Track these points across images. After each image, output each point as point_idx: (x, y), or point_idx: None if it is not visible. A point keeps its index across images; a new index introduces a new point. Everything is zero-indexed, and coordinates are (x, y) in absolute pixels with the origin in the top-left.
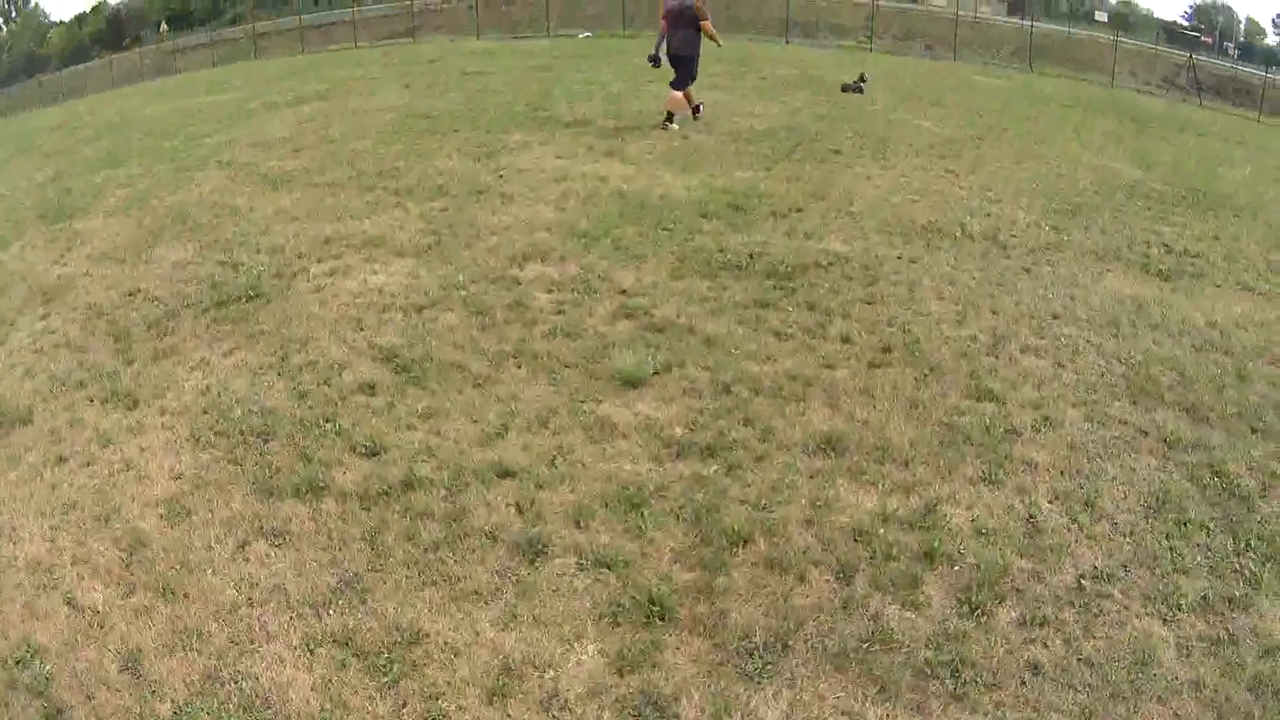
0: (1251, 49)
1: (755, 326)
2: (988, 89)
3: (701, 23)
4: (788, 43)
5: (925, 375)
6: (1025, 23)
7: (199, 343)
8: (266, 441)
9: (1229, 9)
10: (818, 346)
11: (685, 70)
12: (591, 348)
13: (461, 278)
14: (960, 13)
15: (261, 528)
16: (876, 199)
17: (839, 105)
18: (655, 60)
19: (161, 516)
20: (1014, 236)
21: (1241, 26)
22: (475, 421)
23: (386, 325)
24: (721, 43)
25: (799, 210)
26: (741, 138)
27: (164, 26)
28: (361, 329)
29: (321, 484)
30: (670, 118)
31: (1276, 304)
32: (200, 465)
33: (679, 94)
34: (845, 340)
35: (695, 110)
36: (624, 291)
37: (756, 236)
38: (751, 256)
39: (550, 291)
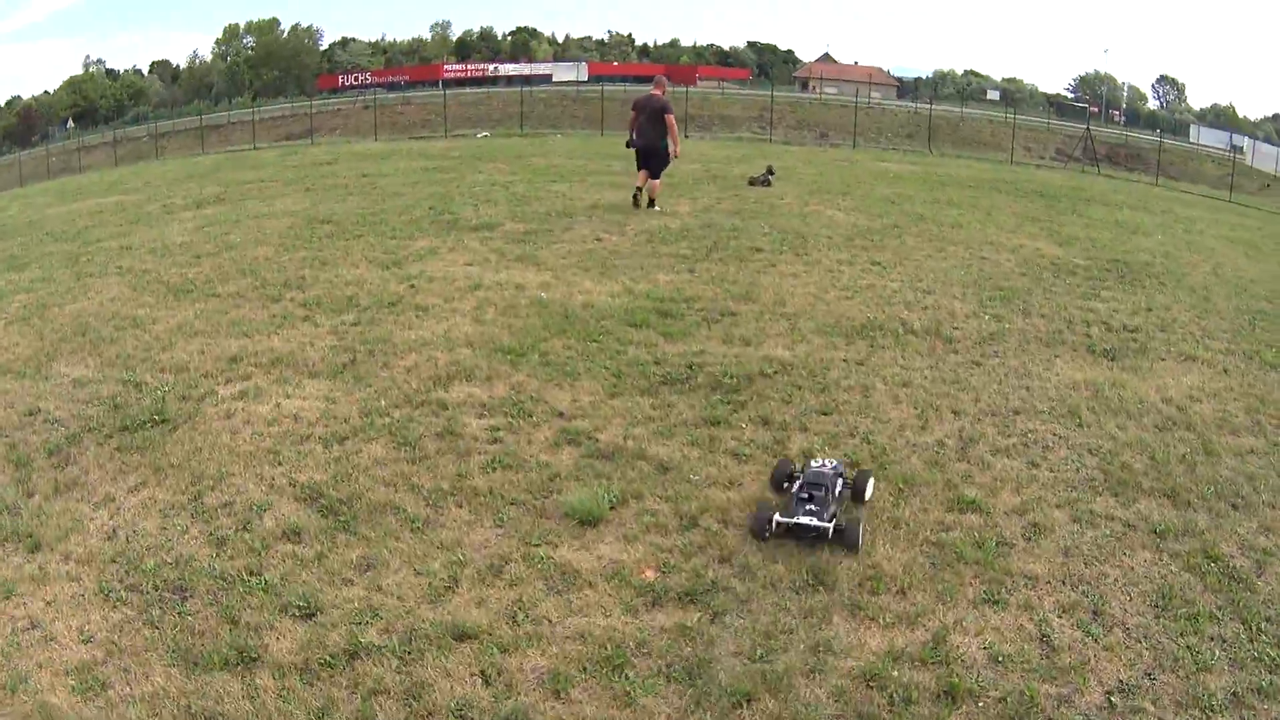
0: (1136, 115)
1: (710, 448)
2: (892, 175)
3: (666, 115)
4: (686, 136)
5: (901, 490)
6: (915, 106)
7: (103, 475)
8: (185, 599)
9: (1110, 78)
10: None
11: (657, 161)
12: (536, 481)
13: (383, 402)
14: (852, 99)
15: (189, 708)
16: (808, 298)
17: (748, 200)
18: (631, 144)
19: (74, 689)
20: (956, 329)
21: (1124, 94)
22: (419, 574)
23: (307, 459)
24: (678, 150)
25: (731, 314)
26: (657, 238)
27: (70, 124)
28: (279, 463)
29: (253, 653)
30: (652, 203)
31: (1220, 371)
32: (113, 626)
33: (656, 182)
34: (808, 455)
35: (638, 199)
36: (561, 414)
37: (692, 345)
38: (691, 368)
39: (482, 416)
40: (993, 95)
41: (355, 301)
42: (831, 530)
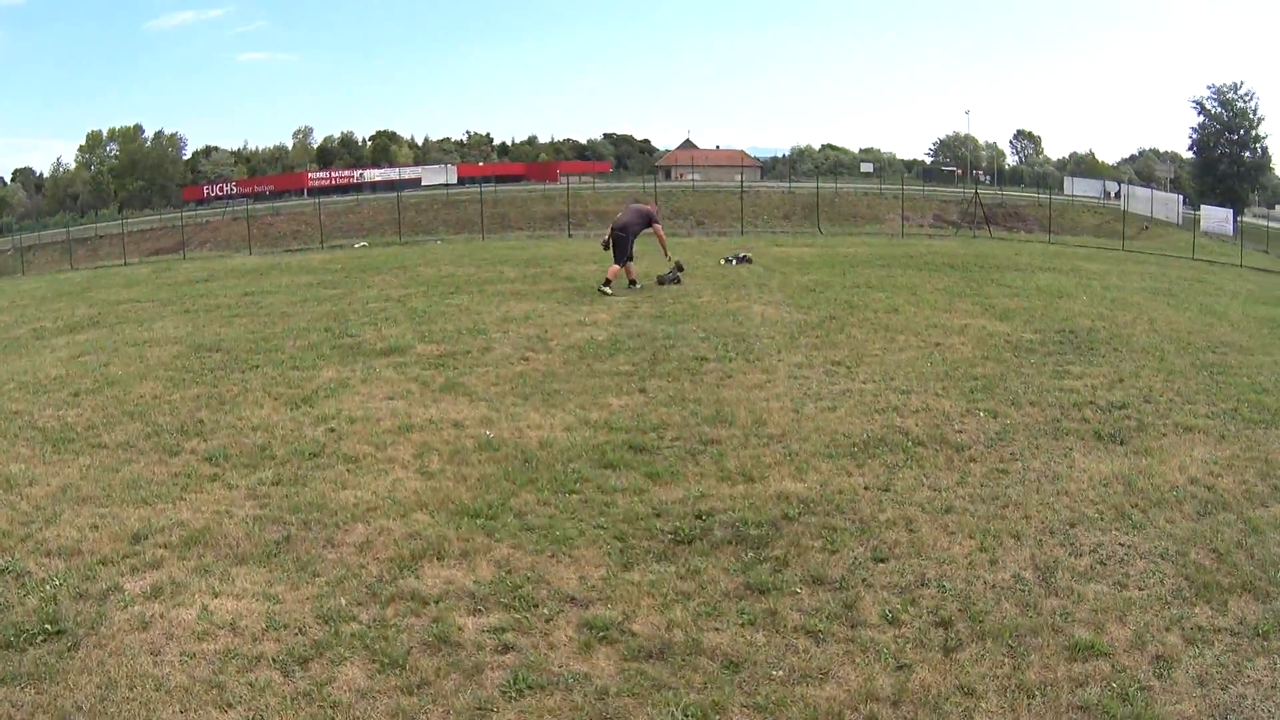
0: (1000, 172)
1: (773, 627)
2: (793, 259)
3: (654, 224)
4: (570, 235)
5: (1012, 647)
6: (790, 186)
7: None
8: None
9: (971, 138)
10: (868, 640)
11: (621, 249)
12: (583, 704)
13: (343, 599)
14: (717, 185)
15: None
16: (788, 414)
17: (664, 301)
18: (607, 244)
19: None
20: (960, 432)
21: (985, 154)
22: None
23: (265, 695)
24: (669, 254)
25: (713, 443)
26: (589, 353)
27: None
28: (228, 704)
29: None
30: (633, 282)
31: (1218, 438)
32: None
33: (618, 267)
34: (892, 622)
35: (631, 282)
36: (573, 599)
37: (689, 488)
38: (700, 517)
39: (476, 612)
40: (866, 167)
41: (269, 452)
42: None
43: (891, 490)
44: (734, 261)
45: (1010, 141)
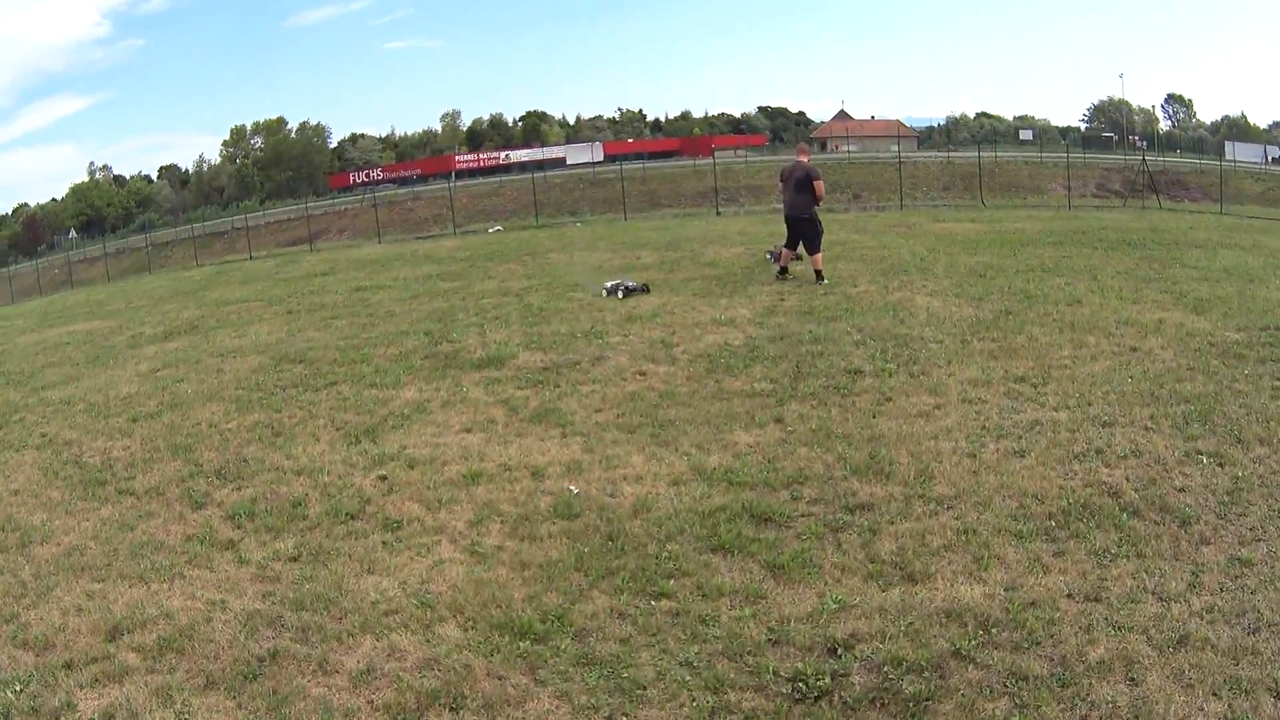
0: (1154, 138)
1: None
2: (958, 237)
3: (814, 182)
4: (718, 213)
5: None
6: (948, 155)
7: None
8: None
9: (1125, 103)
10: None
11: (809, 232)
12: None
13: None
14: (874, 155)
15: None
16: (962, 461)
17: (816, 292)
18: (774, 255)
19: None
20: (1181, 493)
21: (1138, 119)
22: None
23: None
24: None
25: (863, 508)
26: (719, 364)
27: (73, 233)
28: None
29: None
30: (819, 276)
31: None
32: None
33: (816, 255)
34: None
35: (784, 274)
36: None
37: (826, 595)
38: (835, 651)
39: None
40: (1025, 135)
41: (302, 510)
42: None
43: (1103, 600)
44: (620, 294)
45: (1161, 105)
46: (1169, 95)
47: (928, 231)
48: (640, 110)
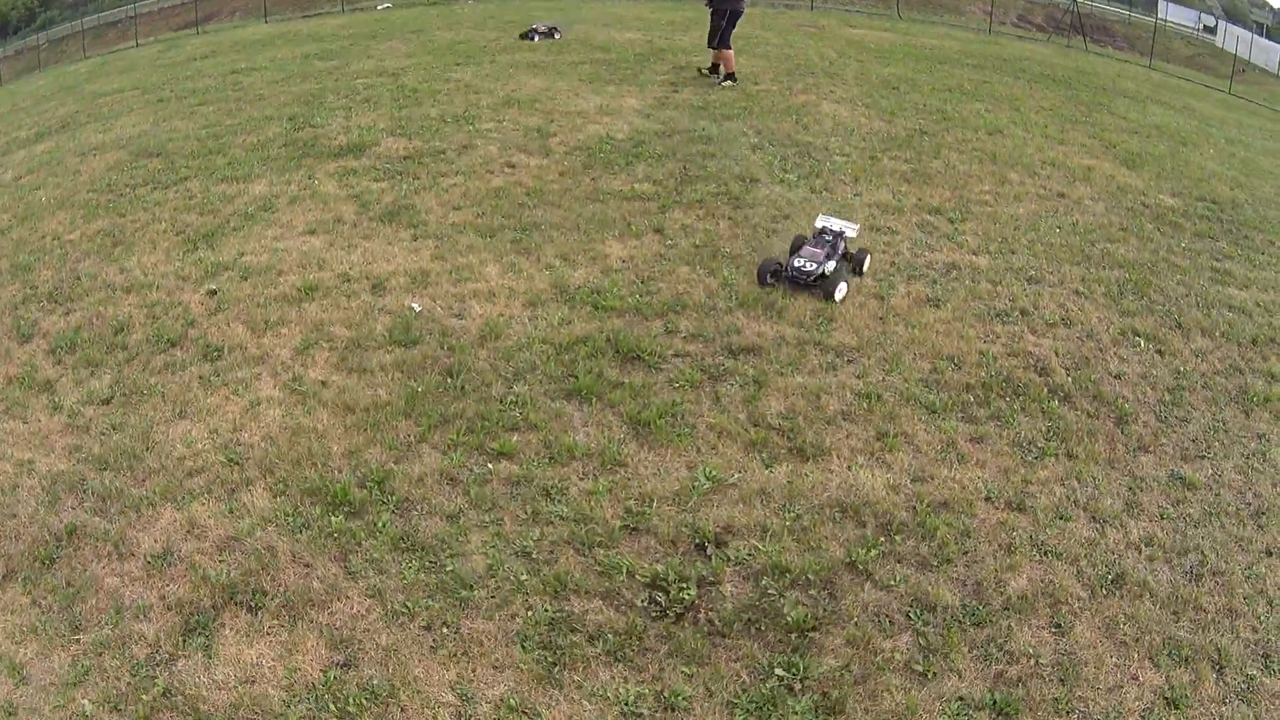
0: None
1: None
2: (871, 45)
3: None
4: None
5: None
6: None
7: None
8: None
9: None
10: None
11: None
12: None
13: (86, 704)
14: None
15: None
16: (864, 302)
17: (710, 87)
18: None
19: None
20: (1118, 380)
21: None
22: None
23: None
24: None
25: (746, 351)
26: (596, 158)
27: None
28: None
29: None
30: (715, 69)
31: None
32: None
33: (727, 52)
34: None
35: (702, 71)
36: None
37: (697, 469)
38: (704, 549)
39: None
40: None
41: (124, 338)
42: None
43: (1028, 512)
44: (534, 38)
45: None
46: None
47: (839, 35)
48: None
